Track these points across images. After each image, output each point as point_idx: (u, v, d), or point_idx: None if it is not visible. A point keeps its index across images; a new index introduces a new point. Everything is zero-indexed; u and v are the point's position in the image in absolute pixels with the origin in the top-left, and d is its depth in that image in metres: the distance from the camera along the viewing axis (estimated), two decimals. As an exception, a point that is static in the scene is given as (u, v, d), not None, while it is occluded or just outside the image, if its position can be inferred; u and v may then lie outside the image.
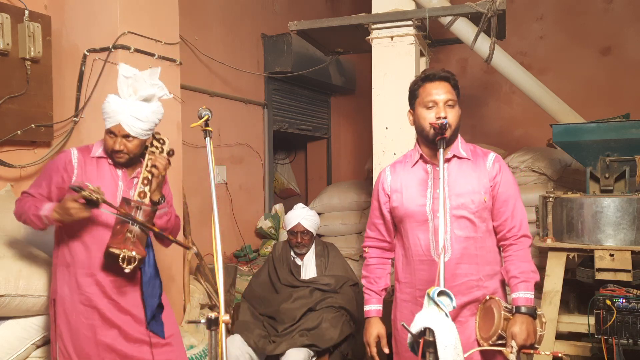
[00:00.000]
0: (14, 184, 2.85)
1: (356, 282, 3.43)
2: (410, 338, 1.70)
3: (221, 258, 1.63)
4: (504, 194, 2.02)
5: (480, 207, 2.00)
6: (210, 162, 1.82)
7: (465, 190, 2.00)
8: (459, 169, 2.03)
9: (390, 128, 3.47)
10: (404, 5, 3.47)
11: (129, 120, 2.12)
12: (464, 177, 2.01)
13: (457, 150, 2.04)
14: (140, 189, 2.19)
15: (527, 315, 1.89)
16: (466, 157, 2.04)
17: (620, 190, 3.09)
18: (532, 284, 1.96)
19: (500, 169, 2.03)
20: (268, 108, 5.01)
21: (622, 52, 5.04)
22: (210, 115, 1.96)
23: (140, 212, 2.12)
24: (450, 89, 2.00)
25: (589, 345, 2.99)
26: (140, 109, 2.13)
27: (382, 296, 2.20)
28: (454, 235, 1.99)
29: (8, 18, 2.67)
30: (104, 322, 2.16)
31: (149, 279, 2.21)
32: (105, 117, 2.15)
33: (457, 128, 2.01)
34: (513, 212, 2.02)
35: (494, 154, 2.08)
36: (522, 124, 5.27)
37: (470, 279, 2.00)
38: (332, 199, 4.84)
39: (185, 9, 3.45)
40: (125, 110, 2.11)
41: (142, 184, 2.19)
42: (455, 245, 1.99)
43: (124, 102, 2.13)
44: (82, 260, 2.16)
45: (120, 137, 2.14)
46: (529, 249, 2.02)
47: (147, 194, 2.19)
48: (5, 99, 2.69)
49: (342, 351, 3.18)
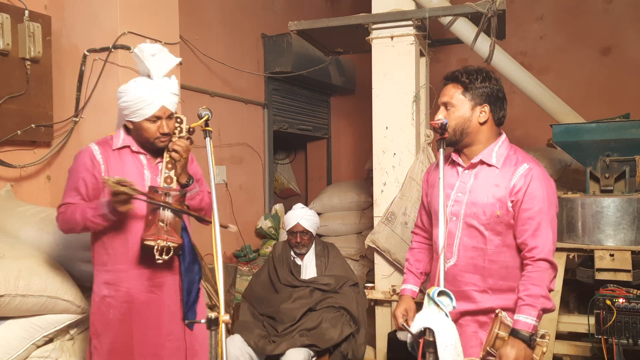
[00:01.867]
0: (14, 184, 2.85)
1: (356, 282, 3.43)
2: (410, 338, 1.70)
3: (221, 258, 1.63)
4: (528, 211, 1.88)
5: (492, 220, 1.91)
6: (210, 162, 1.82)
7: (481, 200, 1.93)
8: (484, 175, 1.95)
9: (390, 128, 3.47)
10: (404, 5, 3.47)
11: (170, 97, 2.08)
12: (484, 186, 1.94)
13: (486, 155, 1.96)
14: (165, 174, 2.12)
15: (520, 340, 1.79)
16: (494, 165, 1.94)
17: (620, 190, 3.09)
18: (538, 310, 1.82)
19: (528, 184, 1.88)
20: (268, 108, 5.01)
21: (622, 52, 5.04)
22: (210, 115, 1.96)
23: (170, 198, 2.05)
24: (452, 91, 1.96)
25: (589, 345, 2.99)
26: (173, 83, 2.11)
27: (421, 279, 2.22)
28: (462, 243, 1.95)
29: (8, 18, 2.67)
30: (140, 316, 2.12)
31: (187, 265, 2.17)
32: (141, 106, 2.05)
33: (457, 130, 1.95)
34: (535, 232, 1.87)
35: (528, 165, 1.92)
36: (522, 124, 5.27)
37: (472, 289, 1.96)
38: (332, 199, 4.84)
39: (185, 9, 3.45)
40: (165, 89, 2.08)
41: (166, 168, 2.13)
42: (462, 252, 1.96)
43: (159, 82, 2.08)
44: (119, 255, 2.12)
45: (165, 118, 2.09)
46: (546, 273, 1.86)
47: (173, 179, 2.12)
48: (5, 99, 2.69)
49: (342, 351, 3.18)
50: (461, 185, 1.98)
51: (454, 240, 1.97)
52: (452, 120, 1.94)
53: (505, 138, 2.03)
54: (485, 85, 1.94)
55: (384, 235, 3.42)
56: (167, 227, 2.03)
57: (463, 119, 1.94)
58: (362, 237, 4.34)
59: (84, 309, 2.37)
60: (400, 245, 3.37)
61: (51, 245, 2.51)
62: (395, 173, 3.46)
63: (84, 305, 2.37)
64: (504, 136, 2.03)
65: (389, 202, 3.46)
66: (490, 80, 1.96)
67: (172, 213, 2.05)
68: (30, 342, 2.27)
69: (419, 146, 3.51)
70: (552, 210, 1.91)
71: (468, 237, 1.95)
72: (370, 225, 4.05)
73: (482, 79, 1.94)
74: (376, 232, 3.46)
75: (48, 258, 2.40)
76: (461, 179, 2.00)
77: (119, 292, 2.12)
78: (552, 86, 3.74)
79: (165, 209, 2.03)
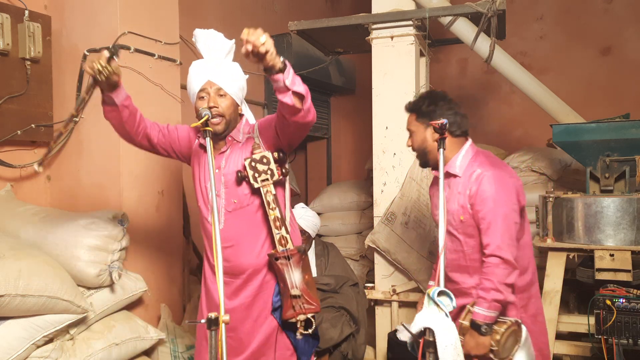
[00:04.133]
0: (14, 184, 2.84)
1: (356, 282, 3.43)
2: (410, 338, 1.70)
3: (221, 258, 1.63)
4: (480, 212, 2.07)
5: (459, 224, 2.14)
6: (211, 162, 1.82)
7: (451, 207, 2.15)
8: (453, 185, 2.17)
9: (390, 128, 3.47)
10: (404, 5, 3.47)
11: (218, 72, 2.07)
12: (452, 195, 2.16)
13: (451, 167, 2.17)
14: (277, 235, 2.00)
15: (474, 330, 2.01)
16: (457, 174, 2.16)
17: (620, 190, 3.09)
18: (489, 301, 2.00)
19: (477, 187, 2.07)
20: (268, 108, 5.01)
21: (622, 52, 5.04)
22: (210, 115, 1.96)
23: (291, 262, 1.98)
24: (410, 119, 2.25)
25: (589, 345, 2.99)
26: (226, 62, 2.12)
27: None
28: (447, 246, 2.17)
29: (8, 18, 2.67)
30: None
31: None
32: (191, 86, 2.10)
33: (419, 151, 2.22)
34: (487, 230, 2.06)
35: (481, 170, 2.10)
36: (522, 124, 5.27)
37: (462, 287, 2.20)
38: (332, 199, 4.83)
39: (185, 9, 3.44)
40: (212, 65, 2.08)
41: (274, 227, 2.01)
42: (448, 255, 2.19)
43: (207, 61, 2.11)
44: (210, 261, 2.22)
45: (214, 93, 2.07)
46: (498, 268, 2.02)
47: (287, 238, 2.01)
48: (5, 99, 2.69)
49: (342, 351, 3.18)
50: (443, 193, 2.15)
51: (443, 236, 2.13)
52: (414, 144, 2.23)
53: (470, 146, 2.22)
54: (431, 109, 2.16)
55: (384, 235, 3.42)
56: (301, 293, 1.99)
57: (421, 140, 2.20)
58: (362, 237, 4.34)
59: (84, 309, 2.37)
60: (400, 245, 3.37)
61: (51, 245, 2.51)
62: (395, 173, 3.47)
63: (84, 305, 2.37)
64: (468, 144, 2.22)
65: (389, 202, 3.46)
66: (437, 102, 2.18)
67: (297, 271, 2.01)
68: (30, 342, 2.27)
69: (419, 146, 3.51)
70: (503, 208, 2.06)
71: (449, 241, 2.19)
72: (370, 225, 4.05)
73: (428, 103, 2.18)
74: (376, 232, 3.46)
75: (48, 258, 2.40)
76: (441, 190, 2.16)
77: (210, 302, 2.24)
78: (552, 86, 3.74)
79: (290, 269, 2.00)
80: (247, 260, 2.12)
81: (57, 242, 2.52)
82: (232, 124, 2.14)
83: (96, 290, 2.56)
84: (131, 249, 2.77)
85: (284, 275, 2.01)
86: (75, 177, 2.99)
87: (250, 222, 2.12)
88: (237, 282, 2.15)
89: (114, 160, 2.90)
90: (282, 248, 2.01)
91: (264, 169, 2.01)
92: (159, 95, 3.10)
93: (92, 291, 2.56)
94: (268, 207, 2.00)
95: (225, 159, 2.14)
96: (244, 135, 2.17)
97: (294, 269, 2.00)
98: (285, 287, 2.02)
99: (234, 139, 2.17)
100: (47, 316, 2.31)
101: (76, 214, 2.68)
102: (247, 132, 2.19)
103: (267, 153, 2.03)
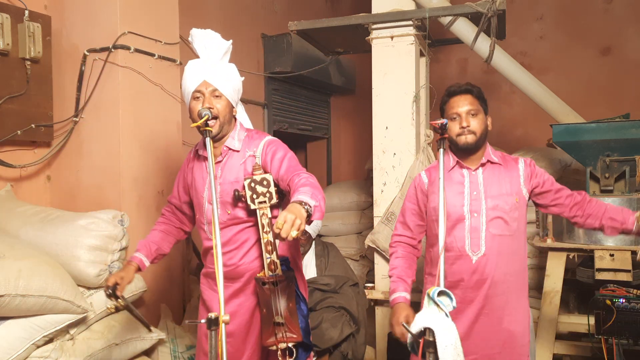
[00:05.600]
0: (14, 184, 2.85)
1: (356, 282, 3.43)
2: (410, 338, 1.70)
3: (221, 258, 1.63)
4: (555, 184, 2.25)
5: (513, 208, 2.15)
6: (210, 162, 1.82)
7: (499, 192, 2.16)
8: (492, 173, 2.19)
9: (390, 128, 3.47)
10: (404, 5, 3.47)
11: (214, 72, 2.05)
12: (498, 181, 2.17)
13: (490, 156, 2.21)
14: (267, 259, 1.94)
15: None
16: (498, 162, 2.20)
17: (620, 190, 3.09)
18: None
19: (536, 169, 2.23)
20: (268, 108, 5.01)
21: (622, 52, 5.04)
22: (210, 115, 1.96)
23: (279, 288, 1.93)
24: (473, 100, 2.17)
25: (589, 345, 2.99)
26: (222, 63, 2.10)
27: (410, 288, 2.25)
28: (489, 234, 2.12)
29: (8, 18, 2.67)
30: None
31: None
32: (185, 85, 2.07)
33: (482, 134, 2.16)
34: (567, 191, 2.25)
35: (523, 158, 2.24)
36: (522, 124, 5.27)
37: (495, 274, 2.12)
38: (332, 199, 4.83)
39: (185, 9, 3.45)
40: (208, 65, 2.06)
41: (266, 252, 1.95)
42: (489, 242, 2.12)
43: (203, 61, 2.09)
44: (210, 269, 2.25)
45: (209, 94, 2.04)
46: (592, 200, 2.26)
47: (277, 263, 1.94)
48: (5, 99, 2.69)
49: (342, 351, 3.18)
50: (472, 185, 2.17)
51: (479, 234, 2.12)
52: (481, 126, 2.16)
53: None
54: (484, 97, 2.22)
55: (384, 235, 3.42)
56: (284, 321, 1.95)
57: (485, 124, 2.19)
58: (362, 237, 4.34)
59: (84, 309, 2.37)
60: (400, 245, 3.37)
61: (51, 245, 2.51)
62: (395, 173, 3.47)
63: (84, 305, 2.37)
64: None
65: (389, 202, 3.46)
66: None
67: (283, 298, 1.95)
68: (30, 342, 2.27)
69: (419, 146, 3.51)
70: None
71: (493, 227, 2.13)
72: (370, 225, 4.05)
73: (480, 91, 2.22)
74: (376, 232, 3.46)
75: (48, 258, 2.40)
76: (470, 179, 2.18)
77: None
78: (552, 86, 3.74)
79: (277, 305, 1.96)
80: (243, 265, 2.12)
81: (57, 242, 2.52)
82: (226, 126, 2.10)
83: (96, 290, 2.56)
84: (131, 249, 2.77)
85: (269, 301, 1.96)
86: (75, 177, 2.99)
87: (244, 231, 2.11)
88: (236, 286, 2.15)
89: (114, 160, 2.90)
90: (270, 273, 1.95)
91: (263, 192, 1.96)
92: (159, 95, 3.11)
93: (92, 291, 2.56)
94: (262, 230, 1.95)
95: (220, 168, 2.12)
96: (239, 142, 2.13)
97: (280, 296, 1.95)
98: (269, 314, 1.96)
99: (229, 148, 2.12)
100: (47, 316, 2.31)
101: (76, 214, 2.68)
102: (243, 138, 2.15)
103: (268, 176, 1.98)
